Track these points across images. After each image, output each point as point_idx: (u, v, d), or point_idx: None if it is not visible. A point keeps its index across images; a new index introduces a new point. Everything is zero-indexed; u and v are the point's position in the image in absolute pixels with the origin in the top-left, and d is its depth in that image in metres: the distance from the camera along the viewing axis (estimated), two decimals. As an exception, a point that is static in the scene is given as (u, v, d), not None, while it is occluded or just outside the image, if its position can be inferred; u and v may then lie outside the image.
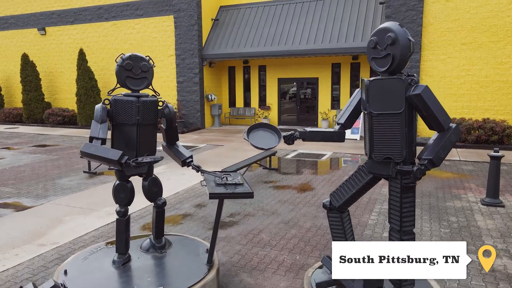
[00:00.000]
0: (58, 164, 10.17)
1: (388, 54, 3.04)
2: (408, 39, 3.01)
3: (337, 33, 14.74)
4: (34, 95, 19.24)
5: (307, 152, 11.49)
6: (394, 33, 2.99)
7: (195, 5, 16.19)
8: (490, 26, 12.17)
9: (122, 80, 3.80)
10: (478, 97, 12.61)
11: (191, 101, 16.91)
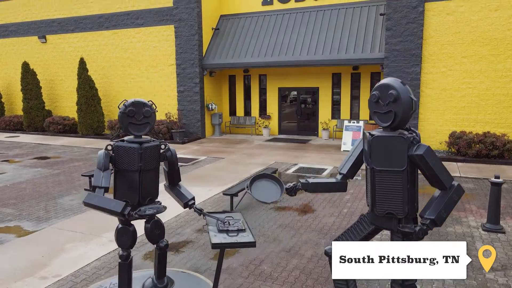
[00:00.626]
0: (59, 180, 10.18)
1: (390, 111, 3.06)
2: (410, 98, 3.02)
3: (337, 44, 14.75)
4: (34, 103, 19.25)
5: (307, 166, 11.50)
6: (396, 91, 3.01)
7: (196, 15, 16.20)
8: (491, 39, 12.19)
9: (125, 126, 3.81)
10: (479, 110, 12.63)
11: (191, 111, 16.92)
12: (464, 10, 12.37)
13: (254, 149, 14.22)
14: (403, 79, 12.32)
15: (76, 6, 18.86)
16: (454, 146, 11.95)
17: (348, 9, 15.43)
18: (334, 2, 15.75)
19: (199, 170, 11.11)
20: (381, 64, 13.80)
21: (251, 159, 12.55)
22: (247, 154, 13.29)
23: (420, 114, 13.29)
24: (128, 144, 3.80)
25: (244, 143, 15.62)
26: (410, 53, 13.06)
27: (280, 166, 11.52)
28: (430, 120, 13.23)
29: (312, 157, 12.75)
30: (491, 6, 12.06)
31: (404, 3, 12.91)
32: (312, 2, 16.15)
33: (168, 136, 16.18)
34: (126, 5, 17.65)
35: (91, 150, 14.66)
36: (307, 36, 15.49)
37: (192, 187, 9.12)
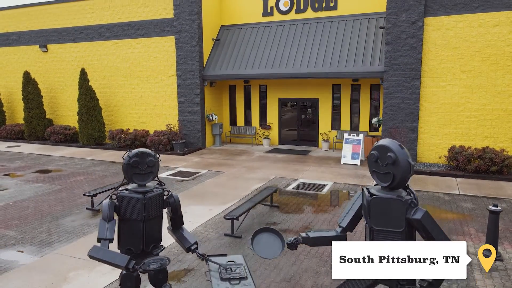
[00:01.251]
0: (61, 197, 10.26)
1: (389, 173, 3.12)
2: (408, 162, 3.09)
3: (337, 56, 14.82)
4: (35, 113, 19.33)
5: (307, 182, 11.57)
6: (394, 154, 3.08)
7: (196, 27, 16.27)
8: (490, 55, 12.26)
9: (129, 177, 3.87)
10: (478, 125, 12.69)
11: (192, 121, 16.99)
12: (463, 25, 12.44)
13: (254, 162, 14.29)
14: (402, 93, 12.41)
15: (77, 16, 18.94)
16: (453, 161, 12.02)
17: (348, 22, 15.50)
18: (334, 14, 15.82)
19: (200, 186, 11.17)
20: (381, 78, 13.87)
21: (252, 173, 12.62)
22: (247, 168, 13.36)
23: (420, 128, 13.36)
24: (132, 194, 3.86)
25: (244, 155, 15.69)
26: (410, 67, 13.13)
27: (280, 181, 11.59)
28: (430, 134, 13.30)
29: (312, 171, 12.82)
30: (490, 22, 12.13)
31: (404, 18, 12.97)
32: (312, 14, 16.22)
33: (169, 147, 16.25)
34: (127, 16, 17.72)
35: (92, 162, 14.73)
36: (307, 48, 15.56)
37: (193, 206, 9.23)
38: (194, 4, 16.11)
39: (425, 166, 12.88)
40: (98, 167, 13.88)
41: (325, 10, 15.97)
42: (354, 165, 13.54)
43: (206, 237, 7.50)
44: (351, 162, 13.67)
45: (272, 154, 15.68)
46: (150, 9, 17.21)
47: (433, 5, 12.69)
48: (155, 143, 16.24)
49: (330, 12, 15.90)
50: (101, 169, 13.61)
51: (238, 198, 9.96)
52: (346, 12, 15.62)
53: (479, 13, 12.21)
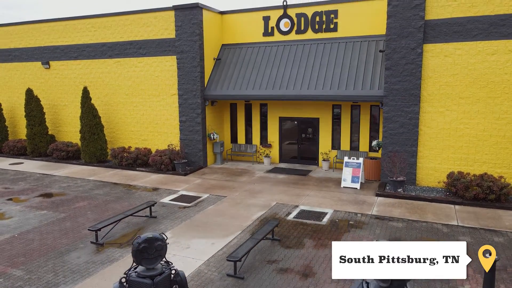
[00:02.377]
0: (65, 227, 10.41)
1: None
2: None
3: (337, 79, 14.98)
4: (38, 130, 19.50)
5: (308, 209, 11.72)
6: None
7: (198, 47, 16.43)
8: (488, 82, 12.41)
9: (138, 261, 4.02)
10: (476, 150, 12.85)
11: (193, 140, 17.15)
12: (461, 53, 12.60)
13: (255, 184, 14.44)
14: (402, 118, 12.51)
15: (79, 34, 19.09)
16: (452, 187, 12.17)
17: (348, 44, 15.66)
18: (334, 36, 15.98)
19: (202, 215, 11.31)
20: (380, 102, 14.03)
21: (253, 198, 12.77)
22: (248, 192, 13.51)
23: (419, 152, 13.52)
24: (141, 279, 4.00)
25: (245, 175, 15.85)
26: (409, 92, 13.29)
27: (281, 209, 11.74)
28: (429, 158, 13.45)
29: (312, 195, 12.97)
30: (488, 50, 12.28)
31: (403, 44, 13.13)
32: (313, 35, 16.38)
33: (171, 167, 16.40)
34: (129, 35, 17.88)
35: (94, 184, 14.87)
36: (308, 69, 15.72)
37: (196, 240, 9.39)
38: (196, 25, 16.27)
39: (424, 191, 13.04)
40: (100, 190, 14.03)
41: (325, 31, 16.12)
42: (354, 189, 13.69)
43: (209, 278, 7.65)
44: (351, 185, 13.82)
45: (273, 175, 15.83)
46: (152, 29, 17.37)
47: (432, 32, 12.84)
48: (157, 162, 16.40)
49: (330, 33, 16.05)
50: (104, 192, 13.76)
51: (240, 230, 10.12)
52: (346, 34, 15.77)
53: (477, 41, 12.36)
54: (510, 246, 8.96)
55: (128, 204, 12.35)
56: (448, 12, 12.58)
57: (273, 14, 16.94)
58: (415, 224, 10.38)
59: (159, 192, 13.75)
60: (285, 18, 16.72)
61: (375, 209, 11.59)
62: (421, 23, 12.85)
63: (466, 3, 12.34)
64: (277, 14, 16.84)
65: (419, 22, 12.86)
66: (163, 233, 4.31)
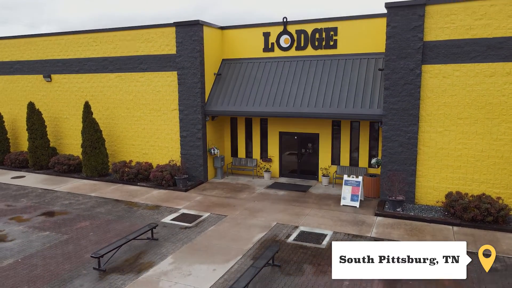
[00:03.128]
0: (68, 251, 10.53)
1: None
2: None
3: (337, 96, 15.11)
4: (40, 143, 19.62)
5: (308, 230, 11.84)
6: None
7: (198, 64, 16.56)
8: (486, 103, 12.55)
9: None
10: (475, 170, 12.98)
11: (194, 155, 17.28)
12: (460, 74, 12.73)
13: (255, 202, 14.56)
14: (401, 137, 12.63)
15: (81, 48, 19.23)
16: (450, 209, 12.30)
17: (348, 61, 15.79)
18: (333, 53, 16.11)
19: (203, 237, 11.43)
20: (380, 121, 14.15)
21: (253, 218, 12.90)
22: (248, 210, 13.63)
23: (418, 171, 13.65)
24: None
25: (245, 191, 15.97)
26: (408, 112, 13.42)
27: (281, 230, 11.86)
28: (428, 177, 13.58)
29: (312, 215, 13.09)
30: (486, 72, 12.41)
31: (402, 65, 13.26)
32: (312, 52, 16.51)
33: (172, 183, 16.52)
34: (130, 50, 18.01)
35: (96, 201, 15.00)
36: (308, 86, 15.84)
37: (197, 266, 9.54)
38: (196, 42, 16.40)
39: (423, 210, 13.16)
40: (102, 208, 14.15)
41: (325, 48, 16.26)
42: (354, 207, 13.81)
43: (210, 310, 7.77)
44: (350, 204, 13.95)
45: (273, 191, 15.95)
46: (153, 44, 17.50)
47: (431, 53, 12.97)
48: (158, 178, 16.52)
49: (330, 50, 16.19)
50: (105, 211, 13.88)
51: (241, 254, 10.24)
52: (346, 51, 15.91)
53: (475, 63, 12.49)
54: (507, 274, 9.08)
55: (130, 224, 12.48)
56: (447, 34, 12.71)
57: (273, 30, 17.07)
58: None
59: (160, 210, 13.88)
60: (285, 34, 16.86)
61: (374, 230, 11.71)
62: (420, 44, 12.98)
63: (464, 25, 12.47)
64: (277, 30, 16.97)
65: (418, 43, 12.99)
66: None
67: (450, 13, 12.59)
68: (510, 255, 10.10)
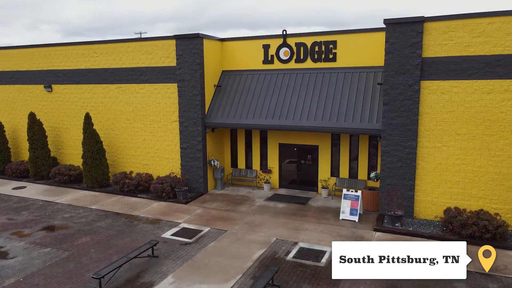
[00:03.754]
0: (69, 270, 10.62)
1: None
2: None
3: (336, 110, 15.19)
4: (40, 153, 19.70)
5: (307, 247, 11.93)
6: None
7: (198, 77, 16.65)
8: (484, 120, 12.63)
9: None
10: (473, 186, 13.07)
11: (194, 167, 17.37)
12: (458, 90, 12.82)
13: (255, 215, 14.65)
14: (399, 152, 12.71)
15: (82, 59, 19.31)
16: (448, 225, 12.38)
17: (347, 74, 15.87)
18: (333, 66, 16.20)
19: (202, 254, 11.51)
20: (379, 135, 14.24)
21: (253, 233, 12.98)
22: (248, 225, 13.71)
23: (417, 185, 13.74)
24: None
25: (245, 203, 16.05)
26: (407, 128, 13.50)
27: (281, 246, 11.95)
28: (426, 192, 13.67)
29: (311, 230, 13.18)
30: (485, 88, 12.50)
31: (401, 80, 13.35)
32: (312, 64, 16.59)
33: (172, 195, 16.61)
34: (131, 62, 18.10)
35: (97, 214, 15.08)
36: (307, 99, 15.93)
37: (197, 285, 9.62)
38: (196, 55, 16.49)
39: (422, 225, 13.25)
40: (103, 222, 14.24)
41: (325, 61, 16.34)
42: (353, 221, 13.90)
43: (210, 334, 7.86)
44: (349, 218, 14.03)
45: (272, 203, 16.03)
46: (153, 56, 17.58)
47: (429, 70, 13.06)
48: (158, 190, 16.61)
49: (330, 63, 16.27)
50: (106, 225, 13.97)
51: (240, 273, 10.32)
52: (345, 64, 15.99)
53: (474, 80, 12.58)
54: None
55: (131, 240, 12.57)
56: (445, 50, 12.80)
57: (273, 42, 17.16)
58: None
59: (161, 224, 13.96)
60: (284, 47, 16.95)
61: (373, 247, 11.79)
62: (418, 60, 13.07)
63: (462, 42, 12.56)
64: (277, 43, 17.05)
65: (417, 59, 13.08)
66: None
67: (449, 30, 12.67)
68: (508, 274, 10.19)
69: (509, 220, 12.60)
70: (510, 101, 12.26)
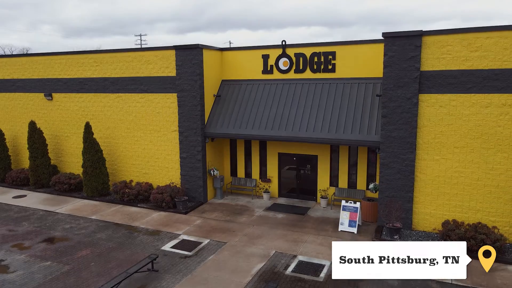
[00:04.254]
0: (69, 284, 10.68)
1: None
2: None
3: (335, 121, 15.26)
4: (41, 161, 19.78)
5: (306, 260, 12.00)
6: None
7: (198, 87, 16.73)
8: (482, 133, 12.70)
9: None
10: (471, 198, 13.14)
11: (194, 177, 17.44)
12: (456, 104, 12.89)
13: (254, 226, 14.72)
14: (398, 164, 12.79)
15: (82, 68, 19.39)
16: (446, 238, 12.45)
17: (346, 85, 15.94)
18: (332, 77, 16.27)
19: (202, 268, 11.57)
20: (377, 147, 14.31)
21: (252, 245, 13.05)
22: (248, 237, 13.78)
23: (415, 197, 13.81)
24: None
25: (245, 214, 16.12)
26: (405, 140, 13.57)
27: (280, 260, 12.02)
28: (425, 204, 13.74)
29: (310, 242, 13.26)
30: (483, 102, 12.57)
31: (399, 93, 13.42)
32: (311, 75, 16.67)
33: (172, 205, 16.68)
34: (130, 72, 18.17)
35: (97, 225, 15.15)
36: (306, 110, 16.00)
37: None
38: (196, 65, 16.57)
39: (420, 237, 13.32)
40: (103, 233, 14.31)
41: (324, 72, 16.42)
42: (351, 233, 13.97)
43: None
44: (348, 229, 14.10)
45: (272, 214, 16.10)
46: (153, 66, 17.66)
47: (427, 83, 13.13)
48: (158, 200, 16.68)
49: (328, 74, 16.35)
50: (106, 236, 14.04)
51: (239, 288, 10.40)
52: (344, 75, 16.06)
53: (472, 94, 12.65)
54: (501, 312, 9.23)
55: (131, 253, 12.63)
56: (443, 64, 12.87)
57: (272, 52, 17.24)
58: (410, 282, 10.64)
59: (161, 236, 14.03)
60: (284, 57, 17.02)
61: (371, 261, 11.86)
62: (416, 74, 13.14)
63: (460, 56, 12.63)
64: (276, 53, 17.13)
65: (415, 73, 13.15)
66: None
67: (447, 44, 12.74)
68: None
69: (506, 233, 12.68)
70: (508, 115, 12.33)
